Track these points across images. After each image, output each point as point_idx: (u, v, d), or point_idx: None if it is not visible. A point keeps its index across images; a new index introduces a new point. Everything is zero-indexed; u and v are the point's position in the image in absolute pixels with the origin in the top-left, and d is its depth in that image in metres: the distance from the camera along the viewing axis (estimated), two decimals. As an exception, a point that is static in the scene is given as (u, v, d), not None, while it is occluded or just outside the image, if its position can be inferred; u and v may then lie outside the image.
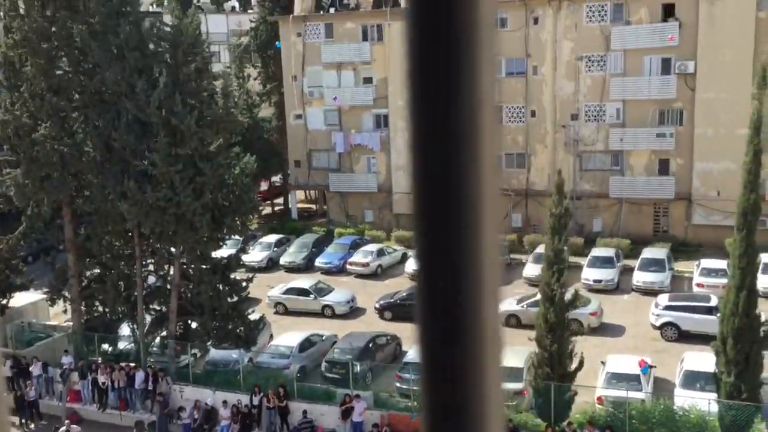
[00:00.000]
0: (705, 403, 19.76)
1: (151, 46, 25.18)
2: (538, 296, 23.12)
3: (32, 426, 25.31)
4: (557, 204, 21.63)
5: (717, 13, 36.10)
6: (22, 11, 25.10)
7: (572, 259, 31.56)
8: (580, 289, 29.21)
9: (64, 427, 22.63)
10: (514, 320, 30.47)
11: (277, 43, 45.54)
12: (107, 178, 24.66)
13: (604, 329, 29.79)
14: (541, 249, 29.35)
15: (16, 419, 25.56)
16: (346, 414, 22.39)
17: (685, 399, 20.81)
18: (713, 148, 37.06)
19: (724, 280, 27.52)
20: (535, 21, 39.70)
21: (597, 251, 35.65)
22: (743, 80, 35.66)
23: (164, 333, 26.58)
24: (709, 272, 32.19)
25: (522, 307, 30.63)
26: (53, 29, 24.83)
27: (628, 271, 34.25)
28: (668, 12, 37.54)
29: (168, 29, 24.71)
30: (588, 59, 39.10)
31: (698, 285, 31.99)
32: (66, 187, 25.44)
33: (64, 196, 25.86)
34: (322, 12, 45.84)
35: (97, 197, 24.66)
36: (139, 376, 25.15)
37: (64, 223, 26.60)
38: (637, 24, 38.02)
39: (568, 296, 21.64)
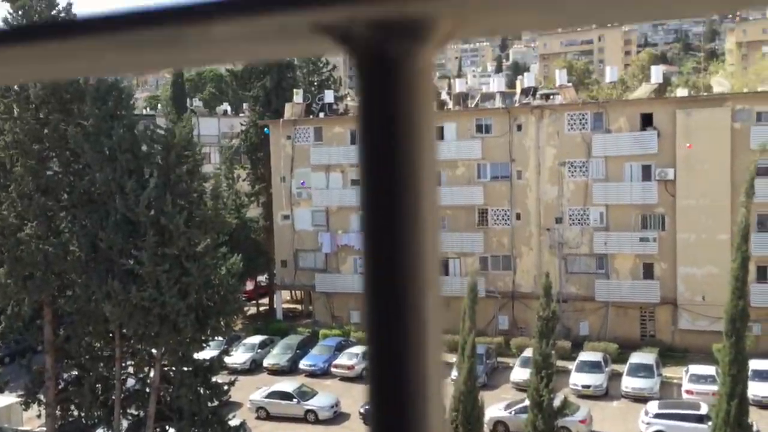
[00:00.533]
0: None
1: (144, 147, 25.65)
2: (527, 402, 22.71)
3: None
4: (545, 307, 21.63)
5: (693, 124, 37.48)
6: (15, 114, 25.61)
7: (560, 363, 31.17)
8: (568, 394, 28.70)
9: None
10: (502, 427, 29.76)
11: (265, 129, 46.45)
12: (91, 277, 24.46)
13: (594, 438, 29.08)
14: (528, 352, 29.09)
15: None
16: None
17: None
18: (696, 252, 37.54)
19: (714, 387, 27.24)
20: (519, 128, 40.97)
21: (585, 355, 35.32)
22: (722, 188, 36.65)
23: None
24: (698, 379, 31.86)
25: (510, 413, 29.96)
26: (45, 131, 25.30)
27: (616, 376, 33.82)
28: (647, 121, 38.94)
29: (162, 132, 25.26)
30: (570, 165, 40.13)
31: (687, 392, 31.57)
32: (49, 286, 25.16)
33: (46, 296, 25.54)
34: (311, 116, 47.14)
35: (80, 297, 24.38)
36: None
37: (44, 324, 26.13)
38: (617, 132, 39.31)
39: (556, 402, 21.26)
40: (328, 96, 49.42)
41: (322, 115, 47.39)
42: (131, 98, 26.67)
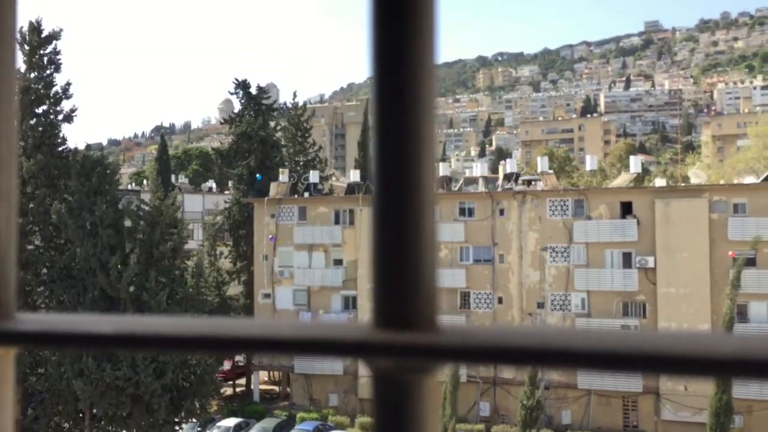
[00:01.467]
0: None
1: (128, 223, 25.62)
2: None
3: None
4: (529, 396, 21.34)
5: (672, 213, 38.16)
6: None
7: None
8: None
9: None
10: None
11: (258, 176, 46.38)
12: (65, 355, 23.91)
13: None
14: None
15: None
16: None
17: None
18: (677, 341, 37.45)
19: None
20: (501, 212, 41.48)
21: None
22: (702, 277, 36.99)
23: None
24: (682, 471, 31.22)
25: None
26: (30, 205, 25.27)
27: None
28: (627, 209, 39.61)
29: (148, 209, 25.31)
30: (552, 250, 40.45)
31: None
32: (21, 363, 24.54)
33: (18, 373, 24.84)
34: (296, 196, 47.49)
35: (52, 375, 23.76)
36: None
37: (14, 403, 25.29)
38: (598, 219, 39.89)
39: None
40: (314, 176, 49.97)
41: (306, 194, 47.79)
42: (116, 174, 26.80)
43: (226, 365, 46.54)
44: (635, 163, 45.48)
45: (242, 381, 49.08)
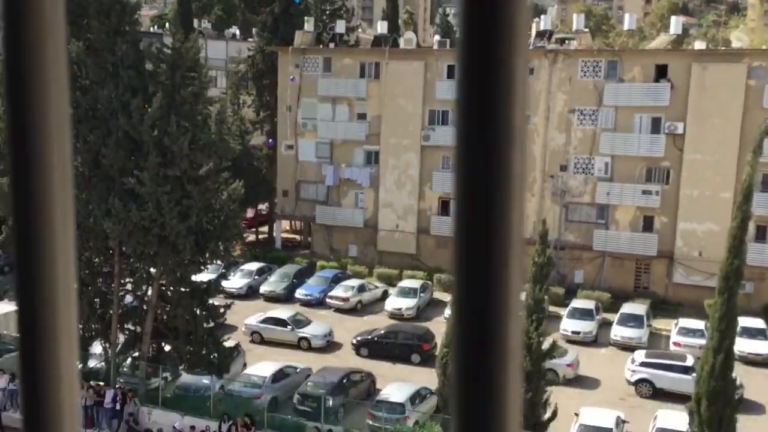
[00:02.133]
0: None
1: (149, 65, 25.31)
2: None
3: (-6, 440, 24.75)
4: (540, 253, 21.74)
5: (708, 78, 36.87)
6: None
7: (552, 308, 31.64)
8: (558, 339, 29.18)
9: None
10: (490, 366, 30.34)
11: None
12: (93, 194, 24.53)
13: (579, 381, 29.70)
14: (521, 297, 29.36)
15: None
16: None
17: (656, 458, 20.68)
18: (697, 208, 37.51)
19: (701, 341, 27.67)
20: (531, 71, 40.33)
21: (577, 303, 35.71)
22: (731, 145, 36.34)
23: (136, 354, 26.21)
24: (686, 332, 32.30)
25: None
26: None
27: (606, 325, 34.28)
28: (661, 73, 38.30)
29: (168, 51, 24.87)
30: (580, 113, 39.68)
31: (675, 344, 32.06)
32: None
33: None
34: (321, 46, 46.36)
35: (81, 213, 24.49)
36: (109, 395, 24.72)
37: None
38: (630, 82, 38.73)
39: (545, 346, 21.62)
40: (340, 26, 48.51)
41: (332, 45, 46.62)
42: (135, 13, 26.10)
43: (249, 213, 47.70)
44: (675, 23, 43.40)
45: (264, 229, 50.51)
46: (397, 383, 27.35)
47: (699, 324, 31.84)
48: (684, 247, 38.30)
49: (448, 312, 26.46)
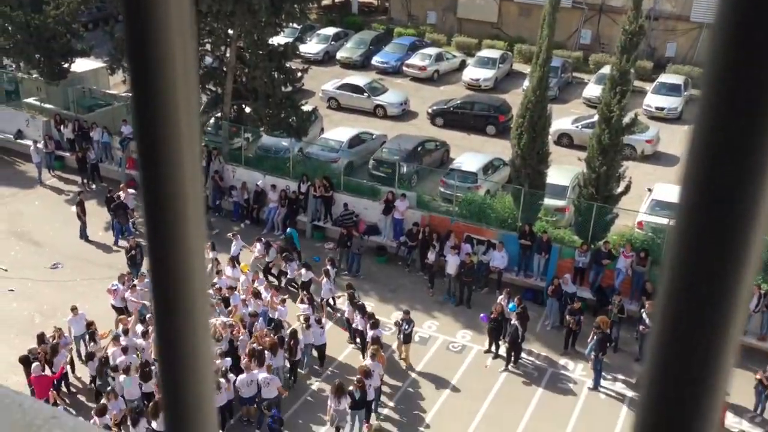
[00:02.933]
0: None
1: None
2: (595, 117, 22.58)
3: (93, 186, 26.84)
4: (632, 21, 20.33)
5: None
6: None
7: (637, 83, 30.32)
8: (640, 114, 28.35)
9: (120, 192, 23.97)
10: (566, 139, 30.13)
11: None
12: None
13: (657, 158, 29.32)
14: (606, 70, 28.15)
15: (78, 179, 27.11)
16: (388, 210, 23.09)
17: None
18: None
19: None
20: None
21: (665, 77, 34.10)
22: None
23: (219, 114, 27.07)
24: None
25: (576, 127, 30.10)
26: None
27: (694, 102, 32.91)
28: None
29: None
30: None
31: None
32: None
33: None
34: None
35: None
36: (194, 153, 25.99)
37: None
38: None
39: (626, 120, 21.05)
40: None
41: None
42: None
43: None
44: None
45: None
46: (470, 153, 27.66)
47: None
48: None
49: (526, 84, 25.72)
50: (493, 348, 18.98)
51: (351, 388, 15.84)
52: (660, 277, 0.51)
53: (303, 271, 20.36)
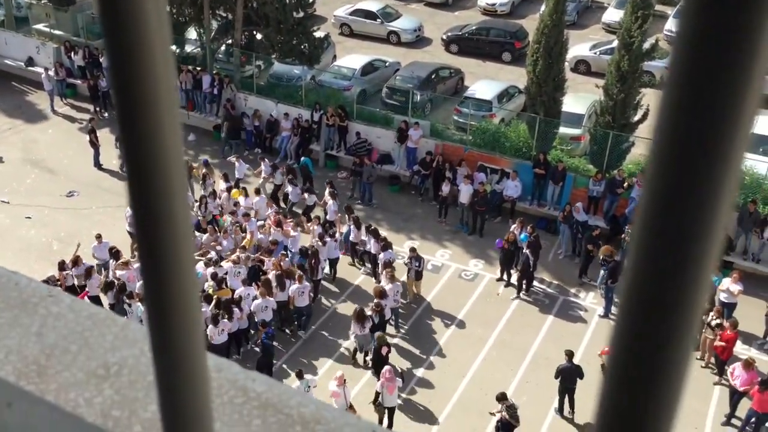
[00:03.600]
0: (764, 166, 19.52)
1: None
2: (615, 43, 22.03)
3: (106, 114, 26.80)
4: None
5: None
6: None
7: (659, 7, 29.40)
8: (661, 39, 27.60)
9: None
10: (583, 66, 29.55)
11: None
12: None
13: (676, 85, 28.68)
14: (627, -7, 27.26)
15: (90, 107, 27.03)
16: (402, 139, 22.94)
17: (744, 160, 20.50)
18: None
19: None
20: None
21: (687, 2, 33.01)
22: None
23: (230, 41, 26.67)
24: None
25: (594, 53, 29.45)
26: None
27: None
28: None
29: None
30: None
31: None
32: None
33: None
34: None
35: None
36: (206, 80, 25.77)
37: None
38: None
39: (646, 45, 20.52)
40: None
41: None
42: None
43: None
44: None
45: None
46: (485, 80, 27.21)
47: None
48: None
49: (543, 8, 25.04)
50: (505, 276, 19.15)
51: (369, 312, 16.23)
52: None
53: (306, 195, 20.65)
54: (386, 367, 14.61)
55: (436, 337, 17.47)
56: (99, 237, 18.29)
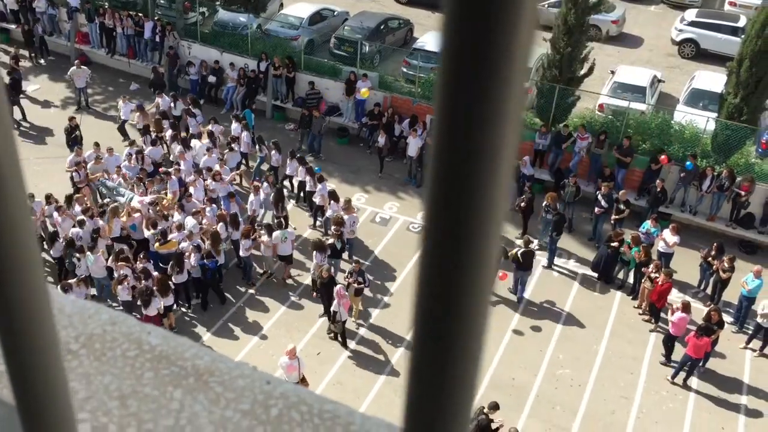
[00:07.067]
0: (703, 121, 20.00)
1: None
2: (563, -6, 22.00)
3: (42, 61, 25.72)
4: None
5: None
6: None
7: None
8: (608, -7, 27.73)
9: (74, 67, 23.04)
10: (532, 19, 29.52)
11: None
12: None
13: (622, 39, 29.04)
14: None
15: (26, 52, 25.88)
16: (350, 91, 22.71)
17: (684, 115, 21.02)
18: None
19: (758, 1, 26.13)
20: None
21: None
22: None
23: (171, -14, 25.77)
24: (746, -8, 30.42)
25: (542, 6, 29.41)
26: None
27: (662, -18, 32.28)
28: None
29: None
30: None
31: (731, 3, 30.42)
32: None
33: None
34: None
35: None
36: (148, 26, 24.92)
37: None
38: None
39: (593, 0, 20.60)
40: None
41: None
42: None
43: None
44: None
45: None
46: (434, 32, 26.99)
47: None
48: None
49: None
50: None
51: (330, 240, 17.03)
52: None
53: (257, 147, 20.53)
54: (338, 286, 15.60)
55: (386, 285, 17.66)
56: (32, 196, 17.23)
